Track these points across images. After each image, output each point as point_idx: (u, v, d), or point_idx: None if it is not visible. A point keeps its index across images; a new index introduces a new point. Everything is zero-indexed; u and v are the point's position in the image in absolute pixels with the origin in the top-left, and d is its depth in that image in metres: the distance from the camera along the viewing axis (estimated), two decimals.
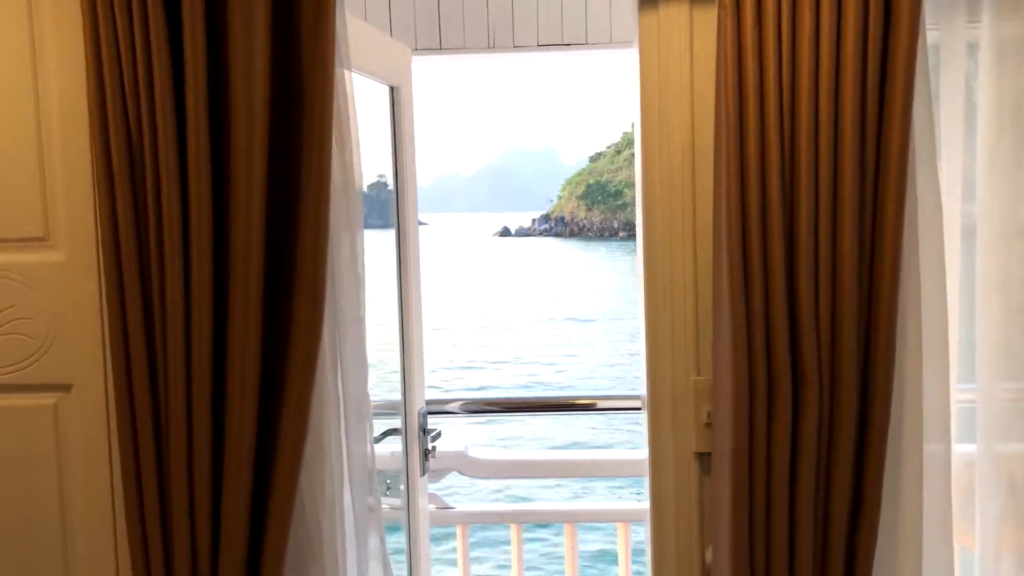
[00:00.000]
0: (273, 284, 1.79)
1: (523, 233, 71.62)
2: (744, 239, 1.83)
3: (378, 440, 2.79)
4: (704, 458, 2.08)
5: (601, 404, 3.38)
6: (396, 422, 2.69)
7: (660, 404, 2.10)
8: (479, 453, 3.47)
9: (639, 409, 2.23)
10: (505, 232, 72.29)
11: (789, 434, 1.85)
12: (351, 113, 1.87)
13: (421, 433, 2.74)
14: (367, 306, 1.95)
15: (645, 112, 2.06)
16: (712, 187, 1.94)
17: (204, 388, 1.75)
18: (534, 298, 34.34)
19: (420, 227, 2.79)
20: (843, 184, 1.81)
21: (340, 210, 1.84)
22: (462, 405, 3.34)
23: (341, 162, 1.85)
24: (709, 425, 2.05)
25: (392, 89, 2.61)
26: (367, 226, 1.94)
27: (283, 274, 1.77)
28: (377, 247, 2.52)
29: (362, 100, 1.95)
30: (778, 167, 1.82)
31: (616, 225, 64.35)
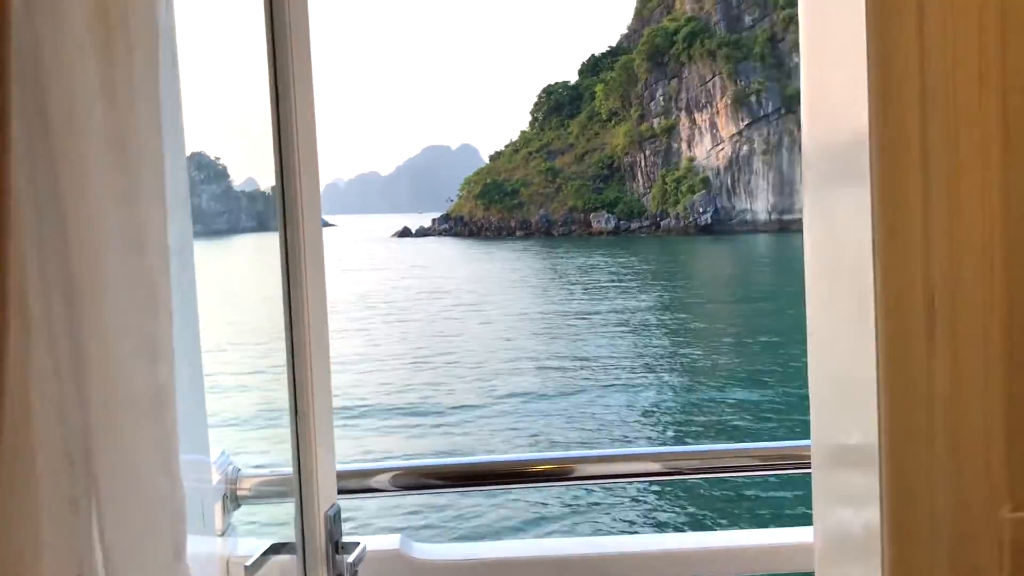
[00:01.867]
0: None
1: (423, 233, 70.83)
2: None
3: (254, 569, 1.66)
4: None
5: (622, 468, 2.11)
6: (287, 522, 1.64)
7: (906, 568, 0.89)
8: (426, 552, 2.18)
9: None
10: (405, 232, 71.26)
11: None
12: None
13: (331, 548, 1.63)
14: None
15: None
16: None
17: None
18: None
19: (326, 228, 1.58)
20: None
21: (90, 137, 0.86)
22: (394, 478, 2.14)
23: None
24: None
25: None
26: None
27: None
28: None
29: None
30: None
31: (513, 224, 64.47)
